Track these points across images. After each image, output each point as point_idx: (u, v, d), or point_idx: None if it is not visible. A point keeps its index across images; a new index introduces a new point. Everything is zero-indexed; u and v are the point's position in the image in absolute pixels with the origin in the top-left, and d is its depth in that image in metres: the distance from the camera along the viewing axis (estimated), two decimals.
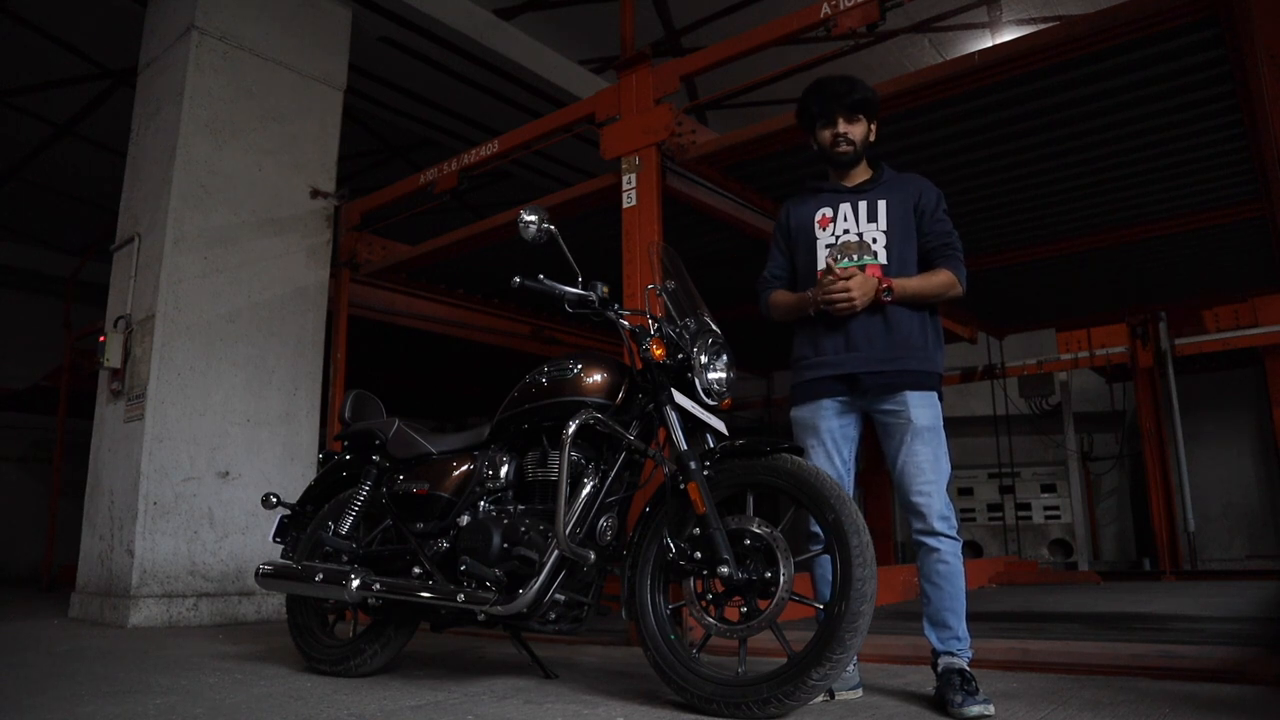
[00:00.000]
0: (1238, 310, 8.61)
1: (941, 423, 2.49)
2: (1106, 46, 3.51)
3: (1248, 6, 2.98)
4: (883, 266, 2.52)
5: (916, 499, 2.42)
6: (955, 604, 2.39)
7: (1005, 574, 8.57)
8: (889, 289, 2.44)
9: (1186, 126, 4.27)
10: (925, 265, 2.57)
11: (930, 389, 2.49)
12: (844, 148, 2.58)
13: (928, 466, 2.42)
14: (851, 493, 2.57)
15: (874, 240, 2.54)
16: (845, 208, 2.60)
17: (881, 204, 2.56)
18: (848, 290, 2.43)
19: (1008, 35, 7.06)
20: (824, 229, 2.62)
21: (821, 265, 2.57)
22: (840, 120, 2.57)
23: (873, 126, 2.64)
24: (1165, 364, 9.03)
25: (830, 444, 2.56)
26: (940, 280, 2.52)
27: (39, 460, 12.08)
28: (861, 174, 2.65)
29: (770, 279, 2.75)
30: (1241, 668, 2.70)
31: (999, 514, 11.05)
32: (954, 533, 2.42)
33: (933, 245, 2.56)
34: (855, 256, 2.53)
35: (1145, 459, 9.23)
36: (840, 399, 2.56)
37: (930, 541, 2.40)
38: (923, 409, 2.45)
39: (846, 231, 2.58)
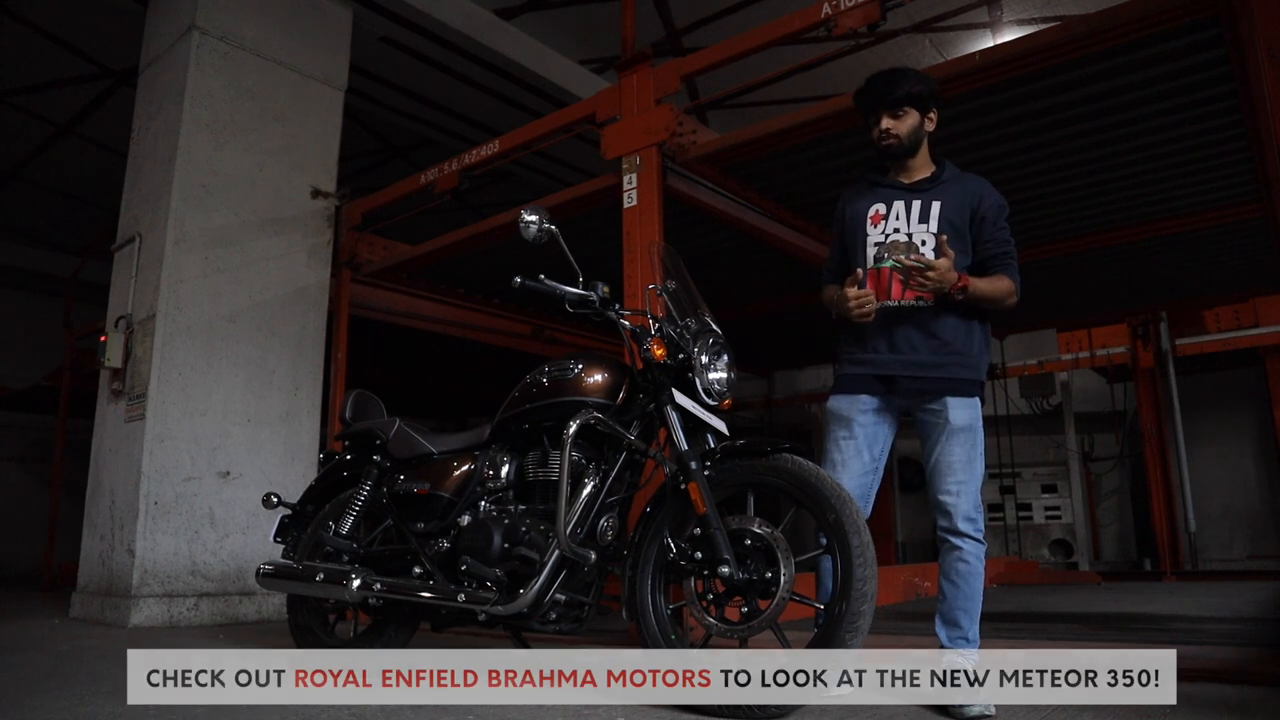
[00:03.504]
0: (1238, 310, 8.62)
1: (980, 425, 2.48)
2: (1107, 46, 3.50)
3: (1248, 6, 2.98)
4: None
5: (944, 497, 2.42)
6: (969, 605, 2.39)
7: (1006, 574, 8.57)
8: (965, 288, 2.39)
9: (1187, 126, 4.27)
10: (981, 272, 2.51)
11: (972, 395, 2.48)
12: (889, 141, 2.56)
13: (959, 466, 2.42)
14: (875, 489, 2.57)
15: (923, 242, 2.49)
16: (899, 205, 2.55)
17: (935, 205, 2.51)
18: (929, 269, 2.34)
19: (1008, 35, 7.06)
20: (875, 225, 2.57)
21: (870, 264, 2.55)
22: (885, 117, 2.55)
23: (929, 116, 2.58)
24: (1166, 364, 9.03)
25: (862, 438, 2.55)
26: (1003, 286, 2.48)
27: (39, 460, 12.09)
28: (921, 170, 2.60)
29: (827, 273, 2.73)
30: (1242, 668, 2.71)
31: (1000, 514, 11.05)
32: (979, 535, 2.42)
33: (992, 253, 2.51)
34: (902, 257, 2.47)
35: (1146, 459, 9.23)
36: (878, 397, 2.55)
37: (954, 540, 2.41)
38: (961, 410, 2.45)
39: (896, 230, 2.53)
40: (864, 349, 2.55)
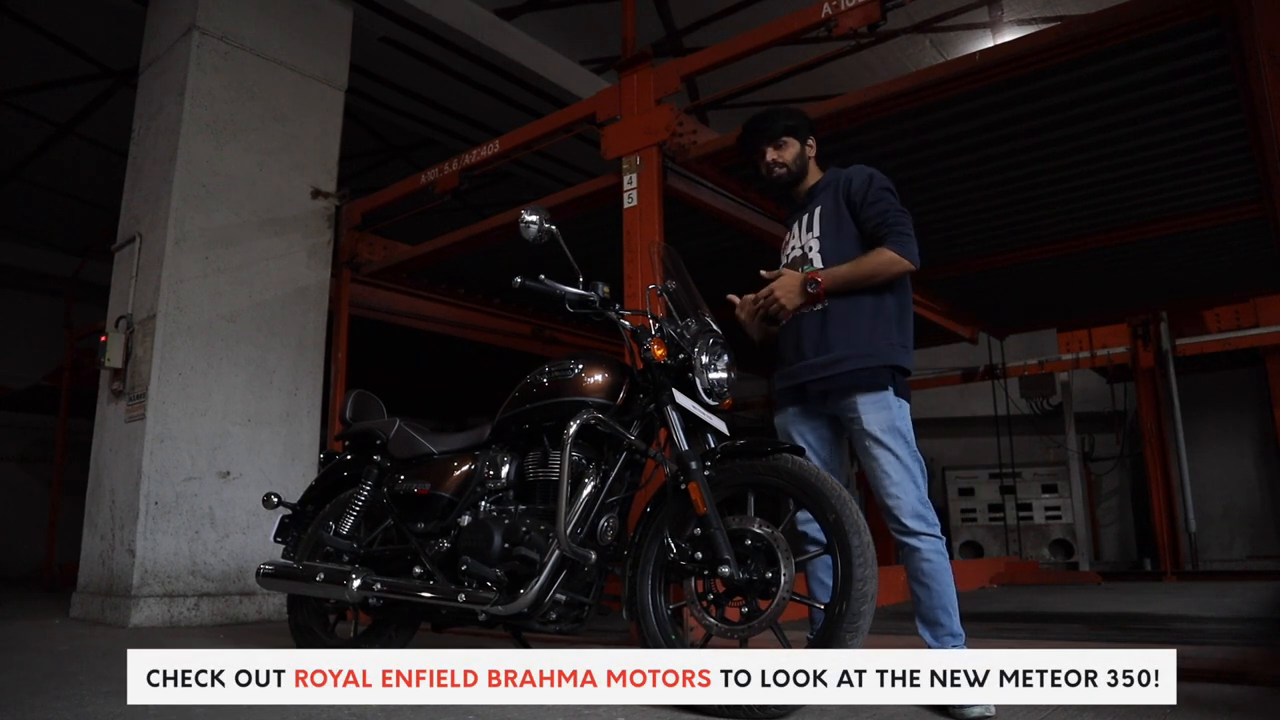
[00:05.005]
0: (1239, 310, 8.62)
1: (899, 421, 2.43)
2: (1107, 46, 3.51)
3: (1249, 6, 2.98)
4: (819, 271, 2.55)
5: (887, 500, 2.41)
6: (945, 601, 2.36)
7: (1006, 574, 8.57)
8: (814, 281, 2.45)
9: (1187, 126, 4.27)
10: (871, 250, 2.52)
11: (879, 389, 2.42)
12: (778, 171, 2.69)
13: (890, 469, 2.40)
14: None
15: (810, 249, 2.58)
16: (796, 225, 2.68)
17: (816, 210, 2.61)
18: (770, 294, 2.53)
19: (1009, 35, 7.06)
20: (784, 251, 2.73)
21: None
22: (769, 150, 2.68)
23: (809, 144, 2.71)
24: (1166, 364, 9.03)
25: (806, 451, 2.56)
26: (876, 260, 2.43)
27: (39, 460, 12.09)
28: (810, 185, 2.72)
29: None
30: (1242, 668, 2.71)
31: (1000, 514, 11.05)
32: (932, 530, 2.37)
33: (871, 227, 2.49)
34: (800, 271, 2.58)
35: (1146, 459, 9.23)
36: (799, 406, 2.61)
37: (910, 542, 2.38)
38: (874, 413, 2.41)
39: (794, 249, 2.65)
40: (782, 360, 2.63)
